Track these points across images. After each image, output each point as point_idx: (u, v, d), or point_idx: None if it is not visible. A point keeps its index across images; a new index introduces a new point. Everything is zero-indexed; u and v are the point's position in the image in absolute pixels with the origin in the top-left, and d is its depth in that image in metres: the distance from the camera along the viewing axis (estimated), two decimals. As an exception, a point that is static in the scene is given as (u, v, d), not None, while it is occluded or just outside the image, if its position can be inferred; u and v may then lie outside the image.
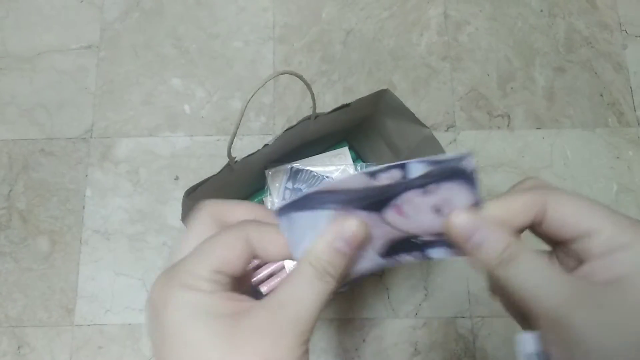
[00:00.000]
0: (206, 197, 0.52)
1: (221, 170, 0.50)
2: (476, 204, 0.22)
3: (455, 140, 0.77)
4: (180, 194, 0.48)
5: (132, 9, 0.83)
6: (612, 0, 0.83)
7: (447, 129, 0.78)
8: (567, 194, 0.22)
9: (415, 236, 0.23)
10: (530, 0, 0.83)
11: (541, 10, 0.83)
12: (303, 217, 0.22)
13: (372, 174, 0.21)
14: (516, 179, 0.75)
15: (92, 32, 0.82)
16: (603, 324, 0.19)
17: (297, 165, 0.61)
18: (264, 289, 0.60)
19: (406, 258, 0.24)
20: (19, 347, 0.69)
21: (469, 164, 0.21)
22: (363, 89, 0.79)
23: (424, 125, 0.54)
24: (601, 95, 0.79)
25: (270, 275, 0.60)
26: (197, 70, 0.80)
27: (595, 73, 0.80)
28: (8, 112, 0.79)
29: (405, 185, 0.22)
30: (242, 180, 0.58)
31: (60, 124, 0.78)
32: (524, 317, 0.23)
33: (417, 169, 0.21)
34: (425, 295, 0.71)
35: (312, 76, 0.79)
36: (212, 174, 0.50)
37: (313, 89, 0.45)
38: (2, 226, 0.74)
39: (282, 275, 0.60)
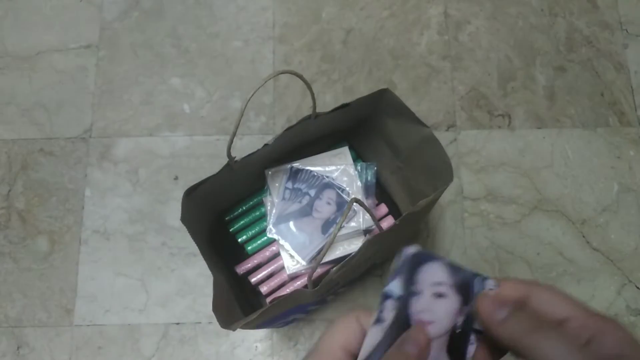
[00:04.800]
0: (206, 197, 0.52)
1: (221, 170, 0.50)
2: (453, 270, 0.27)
3: (455, 139, 0.77)
4: (179, 194, 0.47)
5: (132, 8, 0.83)
6: (613, 0, 0.83)
7: (448, 128, 0.77)
8: (544, 288, 0.26)
9: (454, 328, 0.27)
10: (531, 0, 0.83)
11: (542, 10, 0.83)
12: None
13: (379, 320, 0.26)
14: (517, 178, 0.75)
15: (92, 31, 0.82)
16: None
17: (297, 165, 0.61)
18: (263, 289, 0.59)
19: (470, 348, 0.27)
20: (18, 348, 0.69)
21: (408, 252, 0.27)
22: (363, 89, 0.79)
23: (424, 125, 0.53)
24: (602, 94, 0.79)
25: (270, 276, 0.60)
26: (197, 69, 0.80)
27: (596, 72, 0.80)
28: (7, 112, 0.79)
29: (405, 304, 0.26)
30: (242, 180, 0.58)
31: (59, 123, 0.78)
32: None
33: (395, 286, 0.27)
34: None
35: (312, 76, 0.79)
36: (211, 174, 0.50)
37: (313, 89, 0.45)
38: (1, 226, 0.74)
39: (282, 275, 0.60)
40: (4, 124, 0.78)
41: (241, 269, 0.60)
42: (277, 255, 0.60)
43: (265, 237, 0.61)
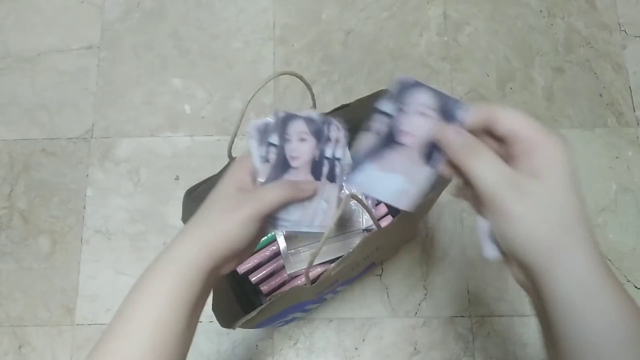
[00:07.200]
0: (207, 197, 0.52)
1: (222, 170, 0.51)
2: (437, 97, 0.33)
3: (454, 140, 0.77)
4: (180, 194, 0.48)
5: (133, 9, 0.84)
6: (612, 1, 0.84)
7: (447, 129, 0.78)
8: (511, 108, 0.31)
9: (430, 139, 0.33)
10: (530, 1, 0.84)
11: (540, 11, 0.83)
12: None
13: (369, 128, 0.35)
14: (515, 178, 0.75)
15: (93, 32, 0.83)
16: (524, 201, 0.28)
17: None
18: (263, 288, 0.60)
19: (437, 155, 0.34)
20: (20, 347, 0.70)
21: (399, 77, 0.33)
22: (363, 89, 0.79)
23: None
24: (600, 95, 0.79)
25: (270, 275, 0.61)
26: (198, 70, 0.81)
27: (595, 73, 0.80)
28: (9, 112, 0.79)
29: (393, 120, 0.34)
30: (243, 180, 0.58)
31: (61, 124, 0.78)
32: (480, 206, 0.31)
33: (384, 105, 0.34)
34: (425, 294, 0.71)
35: (312, 76, 0.80)
36: (212, 174, 0.50)
37: (313, 90, 0.45)
38: (3, 226, 0.74)
39: (282, 274, 0.60)
40: (6, 124, 0.79)
41: (241, 268, 0.61)
42: (277, 254, 0.61)
43: (266, 237, 0.61)
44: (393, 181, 0.34)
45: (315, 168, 0.38)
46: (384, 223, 0.63)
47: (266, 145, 0.37)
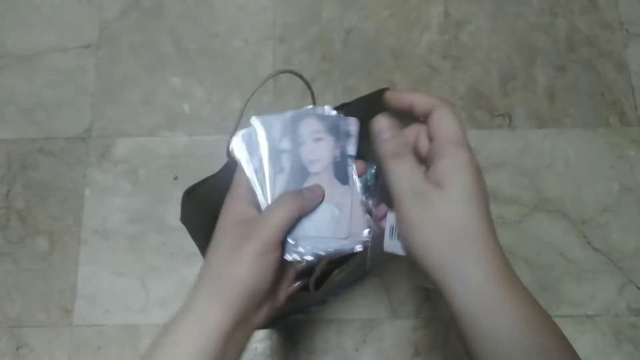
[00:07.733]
0: (206, 197, 0.52)
1: (221, 170, 0.50)
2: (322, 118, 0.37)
3: (456, 139, 0.77)
4: (179, 194, 0.47)
5: (131, 8, 0.83)
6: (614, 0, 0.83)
7: (448, 128, 0.77)
8: (448, 108, 0.32)
9: (335, 159, 0.36)
10: (531, -1, 0.83)
11: (542, 9, 0.83)
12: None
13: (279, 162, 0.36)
14: (517, 178, 0.75)
15: (91, 31, 0.82)
16: (425, 212, 0.29)
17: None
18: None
19: (349, 168, 0.37)
20: (17, 348, 0.69)
21: (287, 116, 0.36)
22: (363, 88, 0.78)
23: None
24: (602, 94, 0.79)
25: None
26: (197, 69, 0.80)
27: (597, 72, 0.80)
28: (7, 112, 0.79)
29: (296, 153, 0.36)
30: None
31: (59, 123, 0.78)
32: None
33: (285, 143, 0.36)
34: (427, 295, 0.70)
35: (312, 75, 0.79)
36: (211, 174, 0.50)
37: (313, 88, 0.45)
38: (1, 226, 0.74)
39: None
40: (3, 123, 0.78)
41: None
42: (277, 255, 0.60)
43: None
44: (323, 211, 0.35)
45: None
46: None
47: (258, 157, 0.36)
